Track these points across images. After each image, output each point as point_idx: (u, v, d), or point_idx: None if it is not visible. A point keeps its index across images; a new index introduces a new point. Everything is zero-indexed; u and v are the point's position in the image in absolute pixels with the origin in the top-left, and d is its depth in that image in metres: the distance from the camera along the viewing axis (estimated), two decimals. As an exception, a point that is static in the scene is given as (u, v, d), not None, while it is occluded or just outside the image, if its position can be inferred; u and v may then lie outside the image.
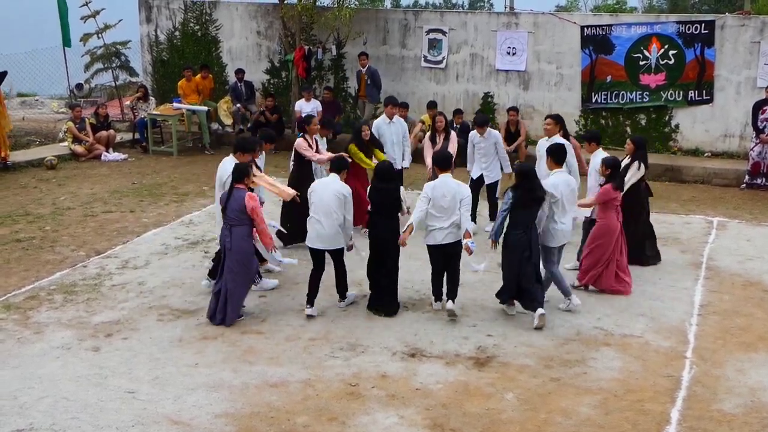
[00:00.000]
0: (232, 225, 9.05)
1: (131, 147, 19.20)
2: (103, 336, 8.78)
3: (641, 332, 9.06)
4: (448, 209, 9.13)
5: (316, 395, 7.56)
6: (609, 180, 10.10)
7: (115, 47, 22.40)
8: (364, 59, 18.41)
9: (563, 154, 9.87)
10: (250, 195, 9.09)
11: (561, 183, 9.49)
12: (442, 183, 9.24)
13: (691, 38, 17.19)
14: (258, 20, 20.67)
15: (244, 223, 9.04)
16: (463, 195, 9.13)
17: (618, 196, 10.09)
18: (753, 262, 11.51)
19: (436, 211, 9.18)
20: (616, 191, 10.03)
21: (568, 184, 9.59)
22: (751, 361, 8.39)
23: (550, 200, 9.36)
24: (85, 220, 13.10)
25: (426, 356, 8.40)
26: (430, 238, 9.34)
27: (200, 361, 8.20)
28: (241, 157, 9.77)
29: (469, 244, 8.96)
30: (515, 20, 18.69)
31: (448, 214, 9.15)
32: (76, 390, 7.57)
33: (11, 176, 16.10)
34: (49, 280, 10.45)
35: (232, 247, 9.07)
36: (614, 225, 10.13)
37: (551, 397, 7.61)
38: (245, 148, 9.90)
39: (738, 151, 17.26)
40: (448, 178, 9.27)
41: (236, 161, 9.65)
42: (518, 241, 9.12)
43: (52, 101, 25.37)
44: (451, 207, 9.13)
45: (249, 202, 8.96)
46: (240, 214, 8.98)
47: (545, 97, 18.59)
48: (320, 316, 9.35)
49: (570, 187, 9.60)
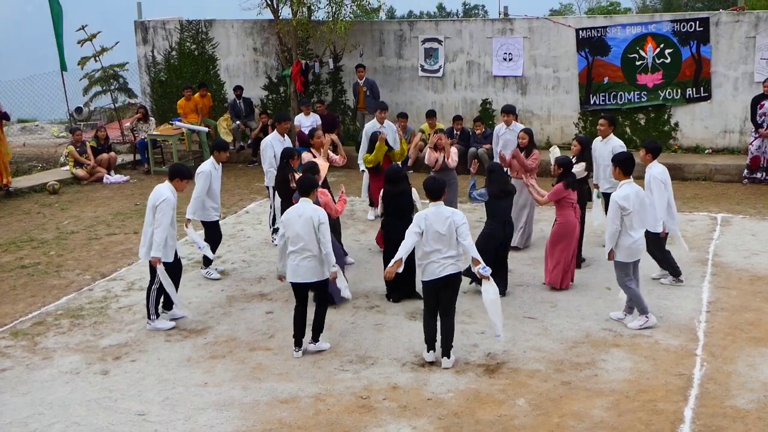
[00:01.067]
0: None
1: (133, 168, 19.23)
2: (111, 359, 8.77)
3: (650, 332, 9.03)
4: (446, 236, 8.26)
5: (328, 410, 7.54)
6: (561, 178, 10.33)
7: (112, 69, 22.42)
8: (362, 71, 18.45)
9: (632, 163, 9.36)
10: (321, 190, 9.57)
11: (632, 194, 9.07)
12: (435, 212, 8.35)
13: (686, 36, 17.19)
14: (254, 37, 20.71)
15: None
16: (458, 223, 8.26)
17: (570, 194, 10.29)
18: (759, 256, 11.48)
19: (434, 242, 8.27)
20: (567, 189, 10.25)
21: (638, 195, 9.15)
22: (762, 356, 8.37)
23: (622, 213, 9.02)
24: (90, 244, 13.11)
25: (436, 365, 8.38)
26: (427, 273, 8.40)
27: (209, 380, 8.19)
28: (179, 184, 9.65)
29: (481, 270, 8.30)
30: (510, 26, 18.71)
31: (446, 245, 8.27)
32: (87, 414, 7.56)
33: (14, 202, 16.12)
34: (55, 305, 10.45)
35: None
36: (573, 222, 10.38)
37: (563, 400, 7.58)
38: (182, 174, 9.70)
39: (738, 147, 17.24)
40: (441, 206, 8.41)
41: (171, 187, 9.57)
42: (496, 232, 10.04)
43: (53, 126, 25.42)
44: (449, 235, 8.26)
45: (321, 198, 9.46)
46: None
47: (543, 101, 18.59)
48: (328, 330, 9.32)
49: (640, 199, 9.17)
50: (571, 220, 10.36)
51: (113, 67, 22.31)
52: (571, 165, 10.60)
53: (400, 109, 18.45)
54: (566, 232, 10.34)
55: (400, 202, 10.02)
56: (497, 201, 10.08)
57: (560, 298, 10.07)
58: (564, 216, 10.36)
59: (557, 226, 10.42)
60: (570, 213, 10.36)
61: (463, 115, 17.92)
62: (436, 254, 8.27)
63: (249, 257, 12.23)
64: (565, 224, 10.34)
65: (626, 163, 9.29)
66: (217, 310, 10.10)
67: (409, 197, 10.16)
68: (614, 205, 9.06)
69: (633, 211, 9.02)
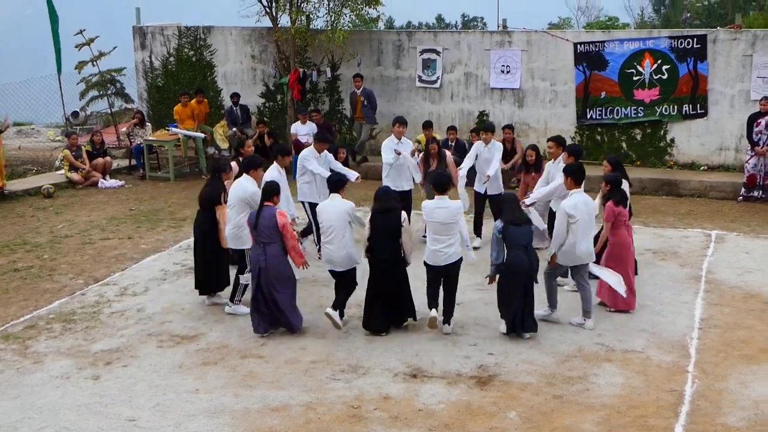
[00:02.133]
0: (265, 243, 9.27)
1: (128, 173, 19.20)
2: (102, 364, 8.75)
3: (642, 347, 9.03)
4: (447, 226, 9.22)
5: (318, 418, 7.53)
6: (609, 197, 10.00)
7: (110, 74, 22.45)
8: (359, 81, 18.46)
9: (583, 174, 9.72)
10: (281, 212, 9.36)
11: (580, 203, 9.36)
12: (439, 205, 9.30)
13: (683, 53, 17.25)
14: (252, 44, 20.73)
15: (277, 240, 9.28)
16: (458, 209, 9.32)
17: (622, 212, 9.92)
18: (752, 274, 11.50)
19: (436, 232, 9.26)
20: (618, 207, 9.87)
21: (587, 204, 9.42)
22: (753, 374, 8.37)
23: (569, 221, 9.29)
24: (83, 248, 13.08)
25: (428, 376, 8.37)
26: (429, 258, 9.37)
27: (201, 387, 8.17)
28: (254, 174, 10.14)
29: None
30: (508, 38, 18.76)
31: (449, 235, 9.22)
32: (77, 419, 7.53)
33: (8, 205, 16.08)
34: (47, 309, 10.42)
35: (267, 265, 9.26)
36: (627, 241, 10.00)
37: (554, 414, 7.57)
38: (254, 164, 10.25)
39: (734, 164, 17.26)
40: (445, 200, 9.32)
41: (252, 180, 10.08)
42: (519, 259, 9.06)
43: (48, 129, 25.38)
44: (451, 226, 9.22)
45: (280, 219, 9.23)
46: (272, 231, 9.23)
47: (540, 114, 18.63)
48: (320, 339, 9.33)
49: (589, 208, 9.43)
50: (625, 240, 9.92)
51: (110, 72, 22.34)
52: (620, 182, 10.17)
53: (396, 119, 18.47)
54: (620, 253, 9.88)
55: (389, 221, 9.39)
56: (515, 228, 9.14)
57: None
58: (618, 236, 9.90)
59: (611, 246, 9.91)
60: (623, 232, 9.93)
61: (459, 127, 17.93)
62: (437, 243, 9.24)
63: (243, 264, 12.20)
64: (620, 244, 9.87)
65: (577, 173, 9.63)
66: (210, 317, 10.08)
67: (398, 217, 9.40)
68: (562, 214, 9.38)
69: (580, 220, 9.30)
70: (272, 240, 9.27)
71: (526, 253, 9.11)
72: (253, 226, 9.34)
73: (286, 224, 9.28)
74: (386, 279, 9.39)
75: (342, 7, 18.90)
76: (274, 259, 9.30)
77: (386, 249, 9.35)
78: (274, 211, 9.28)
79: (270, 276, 9.30)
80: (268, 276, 9.29)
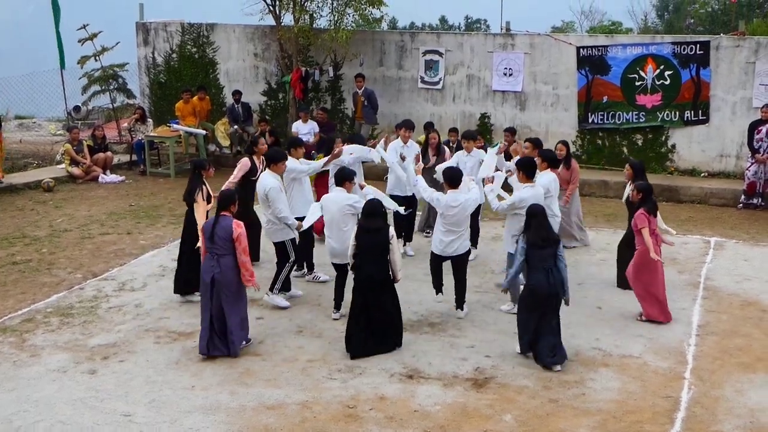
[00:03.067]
0: (219, 255, 8.71)
1: (128, 169, 19.20)
2: (99, 359, 8.75)
3: (640, 353, 9.03)
4: (458, 223, 9.53)
5: (314, 417, 7.53)
6: (640, 205, 9.89)
7: (112, 69, 22.42)
8: (361, 81, 18.44)
9: (534, 169, 10.09)
10: (237, 222, 8.78)
11: (531, 198, 9.61)
12: (453, 198, 9.55)
13: (686, 59, 17.25)
14: (255, 42, 20.74)
15: (231, 252, 8.71)
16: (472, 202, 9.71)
17: (652, 221, 9.78)
18: (751, 282, 11.49)
19: (448, 224, 9.58)
20: (650, 215, 9.76)
21: (536, 197, 9.69)
22: (750, 382, 8.37)
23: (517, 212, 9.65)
24: (82, 243, 13.08)
25: (424, 378, 8.37)
26: (437, 248, 9.72)
27: (197, 384, 8.17)
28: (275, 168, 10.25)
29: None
30: (511, 41, 18.76)
31: (461, 228, 9.59)
32: (72, 413, 7.53)
33: (8, 198, 16.08)
34: (45, 303, 10.42)
35: (222, 278, 8.70)
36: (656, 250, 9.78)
37: (550, 418, 7.57)
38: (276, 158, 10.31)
39: (734, 171, 17.27)
40: (458, 194, 9.57)
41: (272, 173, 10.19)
42: (540, 284, 8.57)
43: (50, 124, 25.38)
44: (462, 220, 9.57)
45: (236, 229, 8.67)
46: (227, 242, 8.67)
47: (542, 117, 18.63)
48: (317, 338, 9.33)
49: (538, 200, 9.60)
50: (654, 248, 9.74)
51: (113, 67, 22.31)
52: (652, 190, 10.07)
53: (398, 120, 18.39)
54: (648, 261, 9.69)
55: (376, 240, 8.85)
56: (538, 250, 8.66)
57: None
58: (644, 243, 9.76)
59: (638, 255, 9.82)
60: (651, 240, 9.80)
61: (460, 129, 17.90)
62: (449, 235, 9.57)
63: (241, 262, 12.18)
64: (647, 252, 9.68)
65: (528, 168, 9.98)
66: (208, 314, 10.06)
67: (386, 236, 8.89)
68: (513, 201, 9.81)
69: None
70: (227, 252, 8.69)
71: (547, 277, 8.57)
72: (208, 237, 8.74)
73: (240, 236, 8.66)
74: (373, 298, 8.87)
75: (345, 7, 18.94)
76: (230, 271, 8.72)
77: (373, 266, 8.86)
78: (231, 221, 8.73)
79: (222, 289, 8.73)
80: (220, 289, 8.73)
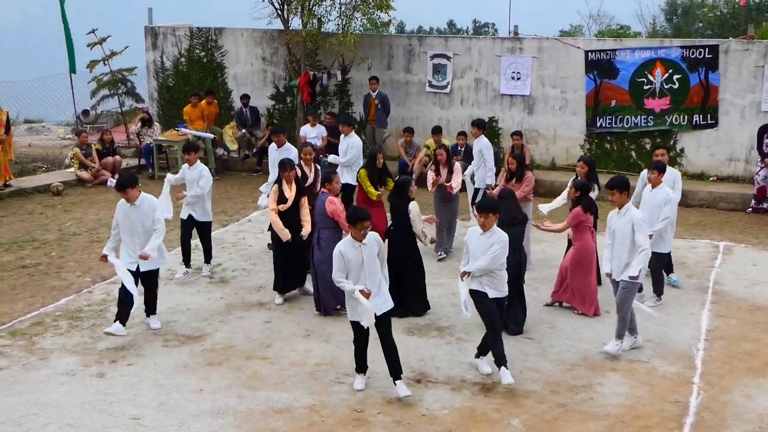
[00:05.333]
0: (319, 227, 10.15)
1: (137, 173, 19.21)
2: (108, 362, 8.77)
3: (648, 357, 9.01)
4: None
5: (322, 421, 7.53)
6: (578, 202, 10.25)
7: (121, 74, 22.53)
8: (375, 83, 18.34)
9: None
10: (330, 199, 10.03)
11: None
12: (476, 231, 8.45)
13: (695, 63, 17.22)
14: (263, 46, 20.78)
15: (328, 226, 10.05)
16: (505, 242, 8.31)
17: (589, 218, 10.20)
18: (760, 286, 11.46)
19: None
20: (585, 213, 10.15)
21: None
22: (758, 387, 8.34)
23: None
24: (91, 246, 13.11)
25: (432, 382, 8.37)
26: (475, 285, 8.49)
27: (205, 387, 8.18)
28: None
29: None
30: (519, 45, 18.76)
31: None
32: (81, 416, 7.55)
33: (17, 202, 16.14)
34: (54, 306, 10.45)
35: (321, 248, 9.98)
36: (591, 246, 10.24)
37: (558, 423, 7.56)
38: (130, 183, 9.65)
39: (743, 176, 17.22)
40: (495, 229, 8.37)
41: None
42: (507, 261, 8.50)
43: (59, 127, 25.49)
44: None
45: (329, 206, 9.97)
46: (323, 217, 10.04)
47: (550, 121, 18.62)
48: (325, 342, 9.34)
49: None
50: (590, 244, 10.21)
51: (122, 71, 22.41)
52: (588, 188, 10.51)
53: (405, 123, 18.49)
54: (585, 256, 10.18)
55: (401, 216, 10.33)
56: (507, 228, 8.73)
57: (559, 320, 10.05)
58: (582, 239, 10.20)
59: (575, 250, 10.24)
60: (588, 237, 10.22)
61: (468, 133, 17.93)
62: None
63: (249, 266, 12.22)
64: (584, 248, 10.17)
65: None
66: (216, 318, 10.10)
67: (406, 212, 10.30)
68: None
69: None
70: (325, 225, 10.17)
71: (515, 254, 9.09)
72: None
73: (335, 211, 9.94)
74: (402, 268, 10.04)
75: (353, 11, 18.95)
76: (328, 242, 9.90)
77: (399, 238, 10.24)
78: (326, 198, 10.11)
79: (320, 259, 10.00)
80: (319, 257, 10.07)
